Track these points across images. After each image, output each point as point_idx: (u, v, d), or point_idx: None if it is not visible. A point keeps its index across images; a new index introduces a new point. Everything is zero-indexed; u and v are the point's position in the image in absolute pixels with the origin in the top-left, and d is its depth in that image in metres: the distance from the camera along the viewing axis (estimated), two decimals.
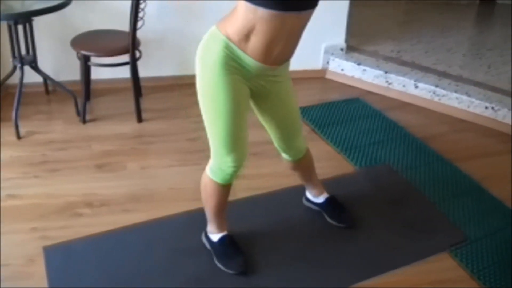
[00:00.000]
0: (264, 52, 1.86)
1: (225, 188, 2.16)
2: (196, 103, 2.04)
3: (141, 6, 3.18)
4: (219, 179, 2.11)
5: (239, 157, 2.05)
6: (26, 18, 3.20)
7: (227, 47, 1.86)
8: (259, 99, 2.12)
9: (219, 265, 2.27)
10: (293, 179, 2.67)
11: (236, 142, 2.01)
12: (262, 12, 1.73)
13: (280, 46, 1.87)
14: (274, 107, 2.16)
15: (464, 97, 3.67)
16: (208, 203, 2.23)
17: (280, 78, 2.07)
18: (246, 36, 1.83)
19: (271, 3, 1.71)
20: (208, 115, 2.00)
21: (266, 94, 2.09)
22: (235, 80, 1.92)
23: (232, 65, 1.89)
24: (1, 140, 3.18)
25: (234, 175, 2.10)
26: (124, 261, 2.31)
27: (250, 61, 1.89)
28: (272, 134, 2.28)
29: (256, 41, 1.83)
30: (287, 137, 2.27)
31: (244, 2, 1.75)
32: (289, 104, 2.19)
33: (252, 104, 2.17)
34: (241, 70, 1.92)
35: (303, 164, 2.44)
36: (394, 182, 2.93)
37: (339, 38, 4.22)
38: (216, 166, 2.08)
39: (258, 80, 2.00)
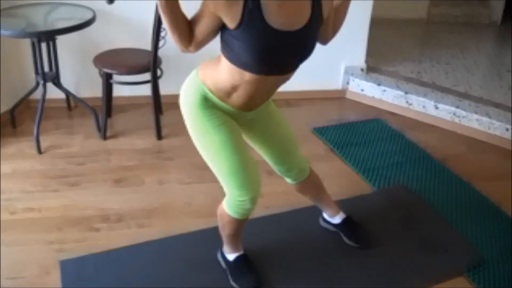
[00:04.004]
0: (244, 105, 1.92)
1: (242, 221, 2.14)
2: None
3: (163, 25, 3.22)
4: (236, 214, 2.06)
5: (252, 188, 1.99)
6: (49, 36, 3.26)
7: (205, 96, 1.91)
8: (245, 129, 2.12)
9: (234, 284, 2.27)
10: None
11: (244, 172, 1.97)
12: (249, 76, 1.78)
13: (261, 98, 1.94)
14: (262, 132, 2.15)
15: (485, 119, 3.64)
16: (224, 230, 2.22)
17: (263, 109, 2.07)
18: (228, 93, 1.88)
19: (260, 70, 1.76)
20: (206, 154, 2.00)
21: (250, 123, 2.10)
22: (219, 115, 1.94)
23: (211, 106, 1.93)
24: (22, 153, 3.24)
25: (252, 208, 2.05)
26: (139, 277, 2.31)
27: (228, 108, 1.94)
28: (268, 159, 2.26)
29: (238, 97, 1.88)
30: (283, 159, 2.24)
31: (228, 63, 1.79)
32: (277, 126, 2.18)
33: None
34: (222, 111, 1.95)
35: (309, 185, 2.40)
36: (411, 203, 2.90)
37: (359, 59, 4.22)
38: (232, 201, 2.03)
39: (239, 115, 2.00)
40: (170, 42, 3.40)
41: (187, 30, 1.75)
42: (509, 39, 5.54)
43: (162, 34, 3.25)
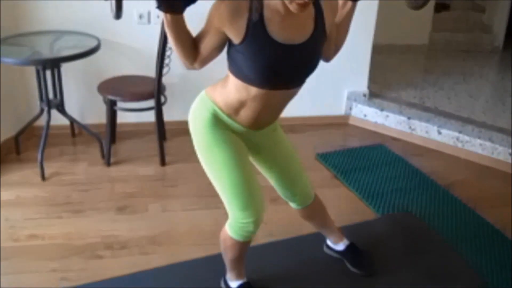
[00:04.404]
0: (253, 121, 1.93)
1: (244, 244, 2.12)
2: None
3: (167, 53, 3.26)
4: (238, 236, 2.05)
5: (256, 210, 1.98)
6: (54, 63, 3.29)
7: (215, 114, 1.92)
8: (253, 152, 2.12)
9: None
10: (312, 226, 2.65)
11: (247, 193, 1.96)
12: (255, 91, 1.80)
13: (269, 115, 1.95)
14: (269, 157, 2.15)
15: (488, 144, 3.64)
16: (227, 255, 2.20)
17: (268, 131, 2.08)
18: (237, 110, 1.89)
19: (265, 84, 1.78)
20: (211, 172, 2.00)
21: (258, 147, 2.10)
22: (227, 134, 1.95)
23: (221, 125, 1.94)
24: (26, 180, 3.24)
25: (254, 231, 2.03)
26: None
27: (238, 127, 1.95)
28: (274, 184, 2.25)
29: (246, 114, 1.90)
30: (289, 184, 2.23)
31: (234, 79, 1.82)
32: (283, 151, 2.18)
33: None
34: (231, 130, 1.96)
35: (313, 211, 2.39)
36: (415, 229, 2.89)
37: (362, 85, 4.24)
38: (235, 223, 2.02)
39: (247, 136, 2.01)
40: (174, 69, 3.46)
41: (192, 47, 1.78)
42: (511, 65, 5.57)
43: (166, 61, 3.28)
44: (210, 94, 1.95)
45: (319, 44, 1.84)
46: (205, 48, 1.78)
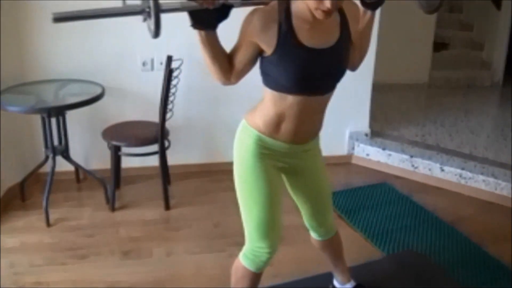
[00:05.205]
0: (294, 133, 1.97)
1: (256, 276, 2.13)
2: (221, 189, 2.08)
3: (170, 98, 3.31)
4: (251, 266, 2.07)
5: (273, 242, 2.03)
6: (59, 111, 3.34)
7: (259, 140, 1.97)
8: (292, 175, 2.16)
9: None
10: (318, 267, 2.64)
11: (271, 227, 2.01)
12: (291, 99, 1.87)
13: (309, 125, 1.99)
14: (306, 182, 2.19)
15: (491, 179, 3.64)
16: (237, 287, 2.20)
17: (311, 152, 2.13)
18: (277, 124, 1.94)
19: (300, 90, 1.85)
20: (244, 201, 2.04)
21: (298, 170, 2.13)
22: (269, 166, 2.00)
23: (265, 152, 1.98)
24: (31, 226, 3.25)
25: (268, 262, 2.07)
26: None
27: (281, 145, 1.99)
28: (303, 210, 2.28)
29: (287, 126, 1.94)
30: (318, 213, 2.26)
31: (271, 91, 1.89)
32: (321, 179, 2.22)
33: (284, 181, 2.20)
34: (274, 154, 2.01)
35: (332, 244, 2.41)
36: (422, 267, 2.87)
37: (363, 124, 4.28)
38: (250, 252, 2.06)
39: (291, 157, 2.06)
40: (177, 113, 3.51)
41: (226, 62, 1.86)
42: (511, 100, 5.62)
43: (169, 106, 3.34)
44: (250, 119, 2.01)
45: (345, 49, 1.93)
46: (240, 62, 1.86)
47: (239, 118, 2.05)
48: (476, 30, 6.77)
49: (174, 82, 3.30)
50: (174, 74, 3.28)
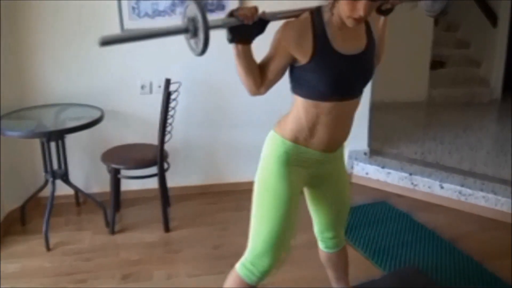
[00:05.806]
0: (328, 140, 2.00)
1: None
2: (221, 210, 2.07)
3: (169, 121, 3.33)
4: (247, 278, 2.06)
5: (276, 260, 2.03)
6: (58, 135, 3.36)
7: (291, 149, 2.00)
8: (317, 184, 2.17)
9: None
10: (317, 286, 2.62)
11: (280, 242, 2.02)
12: (324, 105, 1.92)
13: (341, 131, 2.04)
14: (331, 189, 2.21)
15: (491, 196, 3.64)
16: None
17: (339, 160, 2.17)
18: (311, 132, 1.98)
19: (335, 95, 1.91)
20: (256, 211, 2.05)
21: (325, 177, 2.15)
22: (295, 182, 2.02)
23: (295, 162, 2.02)
24: (32, 251, 3.25)
25: (264, 277, 2.06)
26: None
27: (314, 153, 2.02)
28: (321, 219, 2.28)
29: (321, 133, 1.98)
30: (337, 222, 2.28)
31: (303, 100, 1.93)
32: (345, 187, 2.25)
33: (306, 193, 2.22)
34: (305, 162, 2.03)
35: (340, 257, 2.40)
36: (422, 285, 2.85)
37: (362, 143, 4.29)
38: (250, 262, 2.05)
39: (321, 164, 2.08)
40: (176, 135, 3.53)
41: (259, 73, 1.92)
42: (510, 116, 5.63)
43: (168, 128, 3.36)
44: (281, 130, 2.03)
45: (373, 54, 2.00)
46: (271, 72, 1.91)
47: (237, 139, 2.07)
48: (473, 48, 6.81)
49: (172, 104, 3.33)
50: (172, 96, 3.30)
